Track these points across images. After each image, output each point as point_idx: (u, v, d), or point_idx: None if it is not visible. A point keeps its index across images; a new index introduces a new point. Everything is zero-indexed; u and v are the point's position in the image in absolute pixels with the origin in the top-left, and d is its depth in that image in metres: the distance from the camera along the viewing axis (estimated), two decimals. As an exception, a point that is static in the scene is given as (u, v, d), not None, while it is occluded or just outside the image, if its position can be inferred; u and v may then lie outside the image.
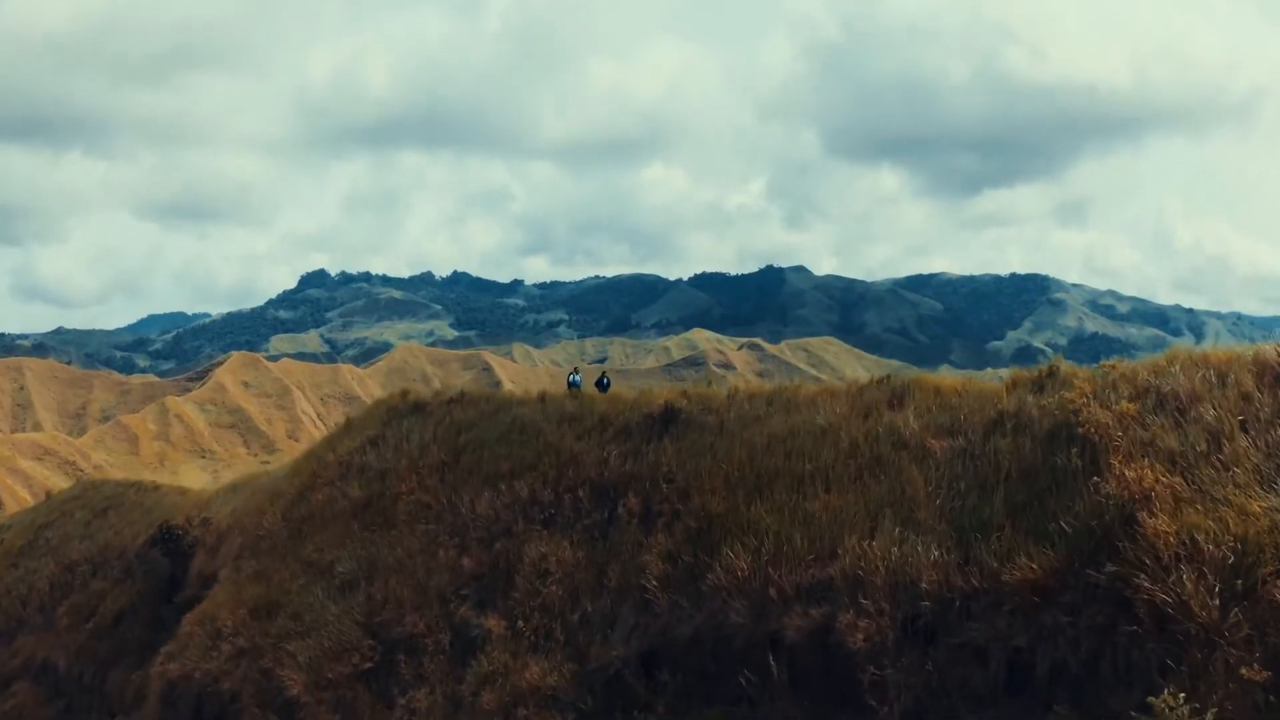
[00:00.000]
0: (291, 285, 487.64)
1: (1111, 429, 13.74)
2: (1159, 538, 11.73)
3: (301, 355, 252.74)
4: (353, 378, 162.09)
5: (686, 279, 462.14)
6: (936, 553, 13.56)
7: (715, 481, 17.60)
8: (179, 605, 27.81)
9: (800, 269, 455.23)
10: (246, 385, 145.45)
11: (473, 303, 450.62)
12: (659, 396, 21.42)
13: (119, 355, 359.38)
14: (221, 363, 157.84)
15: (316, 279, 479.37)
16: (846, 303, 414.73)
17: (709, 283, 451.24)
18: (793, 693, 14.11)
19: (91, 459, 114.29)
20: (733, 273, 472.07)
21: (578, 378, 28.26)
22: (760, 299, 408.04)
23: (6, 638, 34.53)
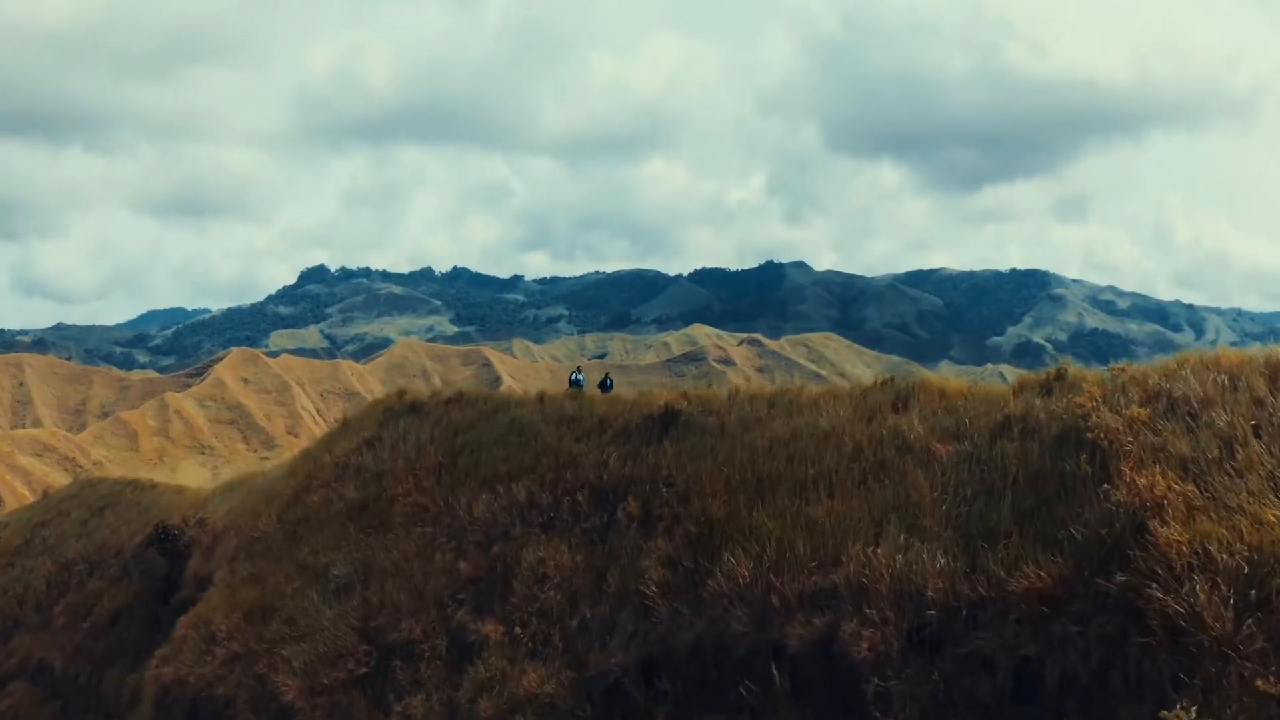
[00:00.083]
0: (291, 281, 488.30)
1: (1122, 434, 13.44)
2: (1171, 547, 11.45)
3: (301, 351, 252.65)
4: (352, 373, 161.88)
5: (686, 274, 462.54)
6: (942, 560, 13.28)
7: (716, 485, 17.31)
8: (175, 606, 27.59)
9: (800, 264, 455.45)
10: (246, 381, 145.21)
11: (473, 298, 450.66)
12: (659, 398, 21.10)
13: (119, 351, 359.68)
14: (221, 359, 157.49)
15: (316, 274, 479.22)
16: (846, 298, 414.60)
17: (709, 278, 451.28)
18: (795, 703, 13.85)
19: (91, 455, 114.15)
20: (733, 268, 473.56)
21: (580, 376, 27.85)
22: (760, 294, 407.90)
23: (3, 637, 34.32)
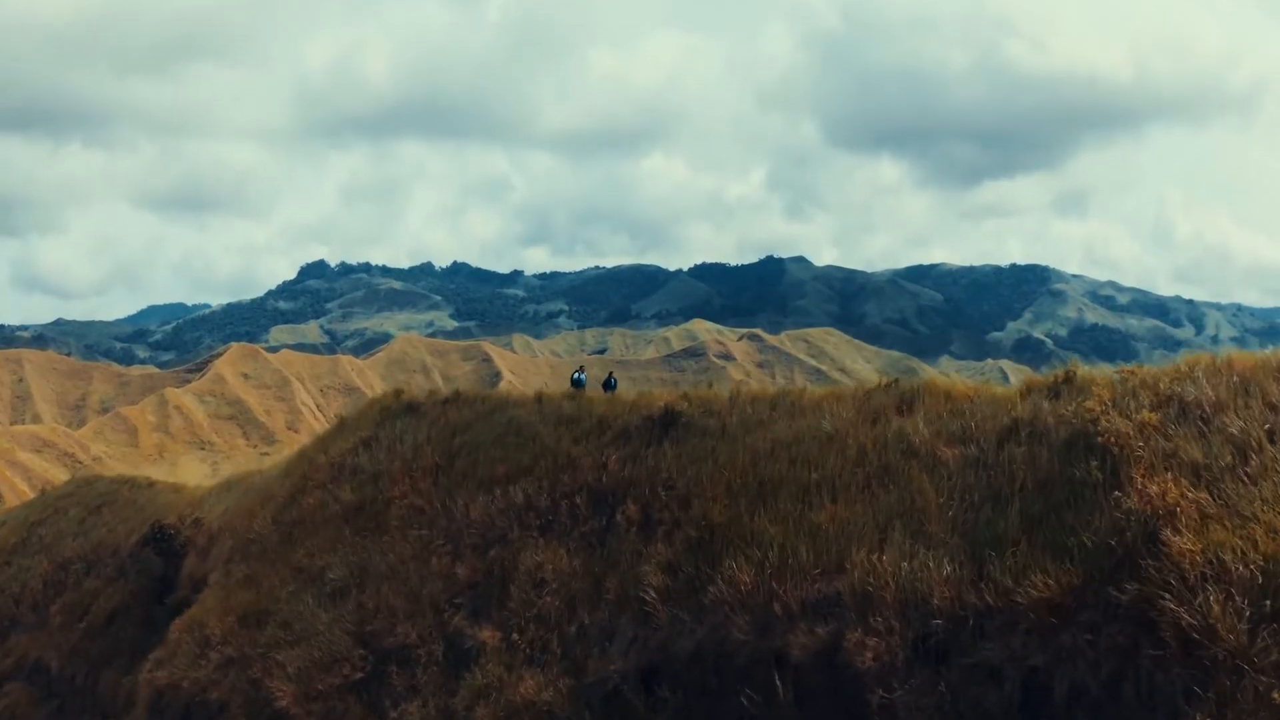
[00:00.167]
0: (291, 276, 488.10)
1: (1132, 439, 13.11)
2: (1184, 556, 11.16)
3: (301, 346, 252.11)
4: (352, 369, 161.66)
5: (686, 269, 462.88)
6: (949, 568, 12.98)
7: (717, 489, 16.99)
8: (170, 607, 27.36)
9: (800, 259, 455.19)
10: (246, 376, 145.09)
11: (473, 293, 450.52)
12: (659, 398, 20.79)
13: (119, 346, 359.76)
14: (221, 354, 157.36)
15: (316, 270, 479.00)
16: (846, 293, 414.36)
17: (709, 273, 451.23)
18: (798, 713, 13.57)
19: (91, 451, 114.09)
20: (733, 263, 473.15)
21: (582, 375, 27.37)
22: (760, 290, 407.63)
23: (0, 637, 34.15)
